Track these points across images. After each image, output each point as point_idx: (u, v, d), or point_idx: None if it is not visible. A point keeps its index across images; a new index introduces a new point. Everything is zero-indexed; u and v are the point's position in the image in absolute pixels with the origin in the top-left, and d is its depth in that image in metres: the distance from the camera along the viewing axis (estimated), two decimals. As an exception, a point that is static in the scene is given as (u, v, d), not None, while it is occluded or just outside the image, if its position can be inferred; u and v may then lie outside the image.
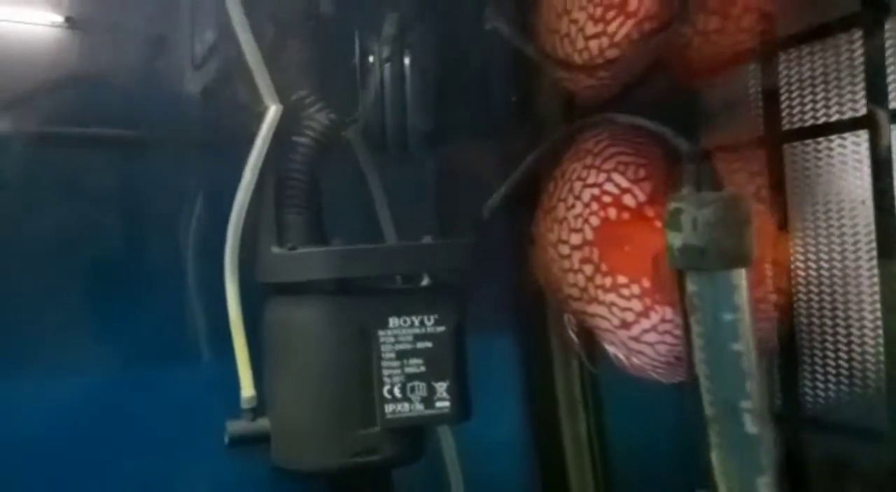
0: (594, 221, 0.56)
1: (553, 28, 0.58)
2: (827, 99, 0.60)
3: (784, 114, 0.63)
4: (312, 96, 0.56)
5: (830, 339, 0.61)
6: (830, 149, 0.61)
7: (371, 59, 0.59)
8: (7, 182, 0.59)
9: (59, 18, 0.62)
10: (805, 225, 0.63)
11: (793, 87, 0.63)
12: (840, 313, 0.61)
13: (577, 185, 0.58)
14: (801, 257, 0.63)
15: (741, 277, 0.45)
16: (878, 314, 0.57)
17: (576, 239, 0.58)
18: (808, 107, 0.62)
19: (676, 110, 0.63)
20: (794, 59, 0.63)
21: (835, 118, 0.60)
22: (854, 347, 0.60)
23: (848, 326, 0.60)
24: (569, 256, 0.59)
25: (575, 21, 0.55)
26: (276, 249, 0.54)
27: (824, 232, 0.61)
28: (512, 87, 0.69)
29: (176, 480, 0.62)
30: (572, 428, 0.70)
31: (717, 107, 0.69)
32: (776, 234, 0.61)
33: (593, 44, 0.54)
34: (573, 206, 0.58)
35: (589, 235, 0.57)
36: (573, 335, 0.63)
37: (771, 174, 0.63)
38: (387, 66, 0.58)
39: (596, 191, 0.57)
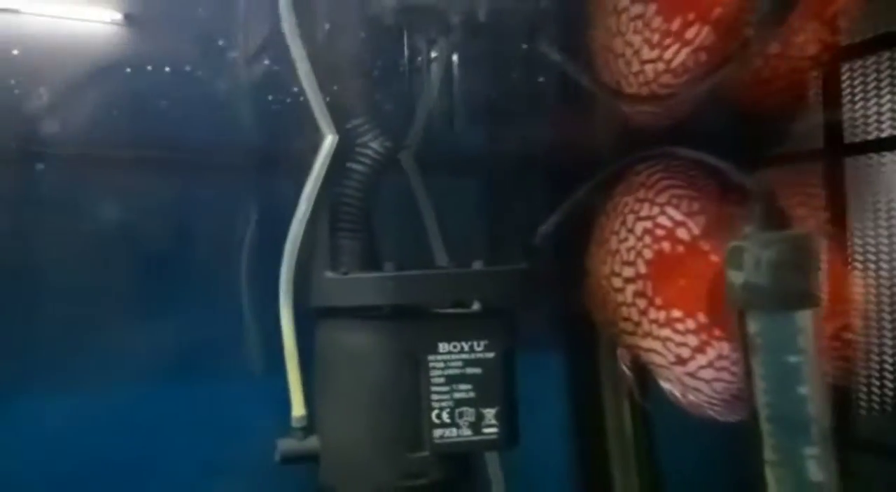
0: (647, 254, 0.56)
1: (607, 46, 0.58)
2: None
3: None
4: (368, 124, 0.56)
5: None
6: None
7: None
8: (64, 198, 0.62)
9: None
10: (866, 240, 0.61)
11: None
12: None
13: (630, 217, 0.58)
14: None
15: (807, 318, 0.43)
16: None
17: (629, 272, 0.57)
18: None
19: (734, 137, 0.62)
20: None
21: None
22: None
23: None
24: (622, 290, 0.58)
25: (630, 44, 0.55)
26: (329, 274, 0.55)
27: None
28: (564, 110, 0.68)
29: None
30: (622, 462, 0.69)
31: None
32: (843, 270, 0.59)
33: (649, 68, 0.54)
34: (626, 239, 0.58)
35: (642, 268, 0.56)
36: (626, 370, 0.62)
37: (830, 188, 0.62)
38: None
39: (649, 224, 0.56)
